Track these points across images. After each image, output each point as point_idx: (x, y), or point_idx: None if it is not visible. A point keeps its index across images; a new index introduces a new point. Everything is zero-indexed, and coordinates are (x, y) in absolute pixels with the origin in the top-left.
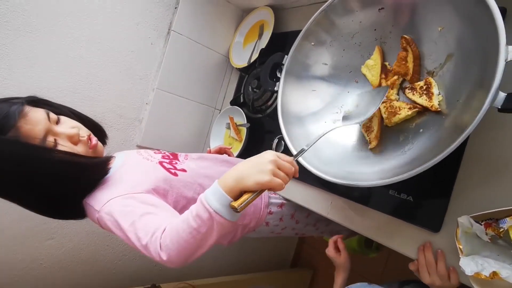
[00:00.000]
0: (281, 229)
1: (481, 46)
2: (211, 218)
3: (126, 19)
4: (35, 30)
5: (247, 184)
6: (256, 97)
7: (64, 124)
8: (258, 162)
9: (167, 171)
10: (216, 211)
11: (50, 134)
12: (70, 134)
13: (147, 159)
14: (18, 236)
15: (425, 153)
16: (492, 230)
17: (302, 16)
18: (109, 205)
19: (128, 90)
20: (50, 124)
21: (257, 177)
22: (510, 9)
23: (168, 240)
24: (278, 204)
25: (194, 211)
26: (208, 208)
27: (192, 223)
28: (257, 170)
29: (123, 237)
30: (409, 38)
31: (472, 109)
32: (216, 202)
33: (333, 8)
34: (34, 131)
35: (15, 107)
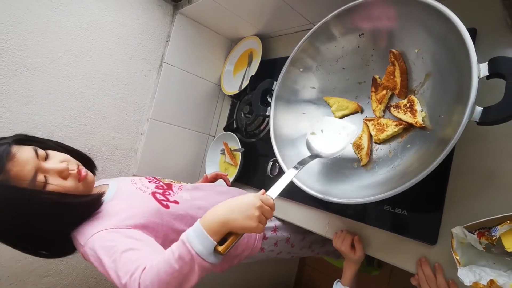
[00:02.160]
0: (276, 254)
1: (455, 65)
2: (193, 261)
3: (120, 53)
4: (31, 68)
5: (233, 229)
6: (248, 122)
7: (53, 159)
8: (245, 207)
9: (159, 202)
10: (199, 254)
11: (40, 172)
12: (60, 169)
13: (140, 189)
14: (15, 274)
15: (414, 167)
16: (485, 239)
17: (288, 43)
18: (93, 240)
19: (123, 122)
20: (39, 161)
21: (244, 223)
22: (480, 29)
23: (148, 281)
24: (271, 228)
25: (177, 252)
26: (190, 251)
27: (174, 264)
28: (244, 216)
29: (105, 274)
30: (397, 53)
31: (453, 124)
32: (200, 245)
33: (316, 35)
34: (23, 172)
35: (2, 148)
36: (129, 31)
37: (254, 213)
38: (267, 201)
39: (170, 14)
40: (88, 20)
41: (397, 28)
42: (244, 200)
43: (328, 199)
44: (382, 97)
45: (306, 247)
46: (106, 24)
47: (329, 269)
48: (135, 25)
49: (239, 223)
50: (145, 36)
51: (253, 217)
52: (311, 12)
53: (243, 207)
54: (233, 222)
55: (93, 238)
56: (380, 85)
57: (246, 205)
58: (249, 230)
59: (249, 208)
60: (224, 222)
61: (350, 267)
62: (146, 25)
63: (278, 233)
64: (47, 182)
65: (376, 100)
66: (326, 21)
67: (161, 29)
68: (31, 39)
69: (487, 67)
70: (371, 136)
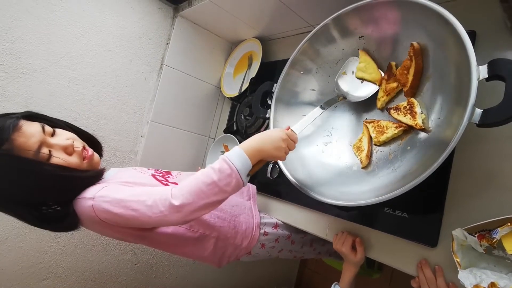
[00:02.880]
0: (277, 252)
1: (455, 67)
2: (232, 175)
3: (120, 56)
4: (31, 71)
5: (264, 156)
6: (248, 124)
7: (59, 136)
8: (275, 139)
9: (160, 182)
10: (238, 171)
11: (45, 145)
12: (65, 145)
13: (140, 172)
14: (13, 277)
15: (414, 169)
16: (486, 241)
17: (288, 46)
18: (104, 190)
19: (123, 124)
20: (44, 136)
21: (274, 153)
22: (480, 31)
23: (185, 190)
24: (272, 224)
25: (217, 166)
26: (231, 166)
27: (213, 175)
28: (274, 147)
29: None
30: (417, 47)
31: (453, 126)
32: (240, 163)
33: (316, 38)
34: (28, 144)
35: (10, 121)
36: (129, 34)
37: (282, 145)
38: (292, 136)
39: (170, 16)
40: (88, 23)
41: (397, 31)
42: (274, 133)
43: (328, 201)
44: (391, 90)
45: (308, 244)
46: (107, 27)
47: (330, 272)
48: (135, 27)
49: (270, 153)
50: (145, 39)
51: (281, 148)
52: (311, 15)
53: (274, 139)
54: (265, 151)
55: (104, 189)
56: (394, 75)
57: (276, 137)
58: (276, 158)
59: (278, 140)
60: (259, 150)
61: (349, 270)
62: (147, 27)
63: (279, 230)
64: (51, 155)
65: (385, 90)
66: (326, 24)
67: (161, 32)
68: (32, 41)
69: (486, 69)
70: (371, 138)
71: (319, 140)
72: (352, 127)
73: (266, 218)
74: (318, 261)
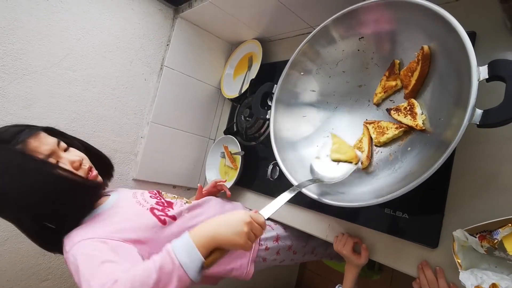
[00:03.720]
0: (279, 262)
1: (455, 68)
2: (173, 272)
3: (120, 57)
4: (32, 72)
5: (221, 244)
6: (249, 125)
7: (71, 152)
8: (234, 222)
9: (157, 218)
10: (182, 266)
11: (54, 156)
12: (72, 160)
13: (139, 203)
14: (13, 278)
15: (414, 170)
16: (487, 242)
17: (288, 47)
18: (78, 247)
19: (123, 125)
20: (57, 148)
21: (232, 239)
22: (480, 32)
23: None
24: (273, 237)
25: (158, 262)
26: (174, 260)
27: (153, 274)
28: (232, 232)
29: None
30: (426, 51)
31: (454, 126)
32: (186, 257)
33: (316, 39)
34: (40, 149)
35: (32, 129)
36: (129, 35)
37: (243, 229)
38: (257, 219)
39: (170, 18)
40: (88, 24)
41: (397, 32)
42: (234, 216)
43: (328, 202)
44: (389, 88)
45: (309, 252)
46: (107, 28)
47: (330, 274)
48: (135, 28)
49: (227, 238)
50: (145, 40)
51: (241, 233)
52: (311, 16)
53: (232, 222)
54: (221, 236)
55: (79, 244)
56: (395, 73)
57: (236, 221)
58: (236, 246)
59: (238, 224)
60: (212, 236)
61: (351, 271)
62: (147, 28)
63: (280, 242)
64: (59, 163)
65: (383, 86)
66: (326, 25)
67: (161, 33)
68: (32, 42)
69: (487, 70)
70: (371, 139)
71: (319, 141)
72: (352, 128)
73: (268, 231)
74: (319, 263)
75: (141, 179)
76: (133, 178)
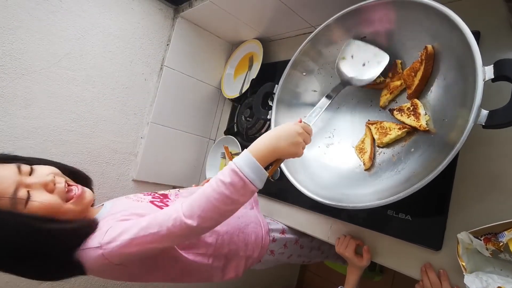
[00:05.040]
0: (287, 257)
1: (459, 68)
2: (246, 187)
3: (120, 57)
4: (31, 72)
5: (281, 154)
6: (249, 125)
7: (38, 172)
8: (290, 134)
9: (159, 208)
10: (251, 181)
11: (22, 186)
12: (45, 182)
13: (137, 201)
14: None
15: (418, 171)
16: (492, 245)
17: (289, 47)
18: (108, 234)
19: (123, 125)
20: (21, 176)
21: (291, 149)
22: (484, 32)
23: (198, 209)
24: (279, 230)
25: (228, 179)
26: (243, 178)
27: (225, 191)
28: (290, 143)
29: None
30: (430, 51)
31: (458, 127)
32: (252, 172)
33: (318, 38)
34: (2, 188)
35: None
36: (129, 35)
37: (299, 139)
38: (306, 128)
39: (170, 17)
40: (88, 24)
41: (400, 31)
42: (288, 128)
43: (330, 203)
44: (394, 88)
45: (316, 248)
46: (107, 28)
47: (331, 275)
48: (135, 28)
49: (287, 150)
50: (145, 40)
51: (298, 144)
52: (312, 15)
53: (289, 135)
54: (281, 149)
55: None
56: (399, 73)
57: (291, 132)
58: (294, 155)
59: (294, 135)
60: (274, 150)
61: (353, 273)
62: (147, 28)
63: (287, 235)
64: (30, 198)
65: (388, 88)
66: (328, 24)
67: (161, 33)
68: (31, 42)
69: (492, 70)
70: (374, 139)
71: (321, 142)
72: (354, 128)
73: (272, 224)
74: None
75: (141, 180)
76: (133, 179)
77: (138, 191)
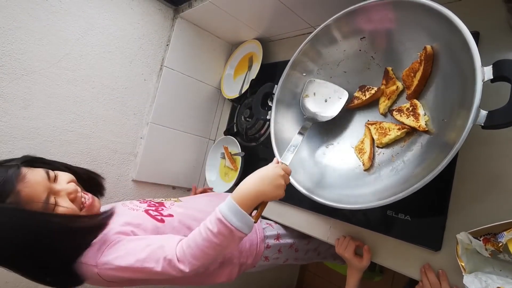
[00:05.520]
0: (282, 262)
1: (459, 68)
2: (233, 235)
3: (120, 57)
4: (30, 72)
5: (265, 198)
6: (249, 126)
7: (61, 179)
8: (273, 177)
9: (153, 218)
10: (238, 229)
11: (51, 194)
12: (69, 191)
13: (132, 209)
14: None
15: (417, 172)
16: (491, 245)
17: (289, 47)
18: (103, 255)
19: (123, 126)
20: (50, 183)
21: (275, 193)
22: (483, 32)
23: (190, 257)
24: (274, 236)
25: (215, 229)
26: (229, 227)
27: (215, 240)
28: (273, 187)
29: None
30: (429, 52)
31: (458, 128)
32: (238, 221)
33: (317, 39)
34: (36, 194)
35: (11, 170)
36: (129, 35)
37: (281, 182)
38: (286, 169)
39: (170, 18)
40: (88, 24)
41: (399, 31)
42: (269, 172)
43: (329, 204)
44: (391, 93)
45: (312, 250)
46: (106, 28)
47: (331, 275)
48: (135, 29)
49: (271, 194)
50: (145, 40)
51: (281, 186)
52: (312, 16)
53: (271, 178)
54: (266, 193)
55: (103, 254)
56: (392, 78)
57: (273, 176)
58: (277, 197)
59: (276, 178)
60: (258, 195)
61: (353, 275)
62: (146, 29)
63: (282, 240)
64: (57, 205)
65: (385, 94)
66: (327, 24)
67: (161, 33)
68: (31, 43)
69: (491, 70)
70: (373, 140)
71: (320, 142)
72: (353, 129)
73: (268, 230)
74: (319, 264)
75: (141, 180)
76: (133, 179)
77: (138, 191)
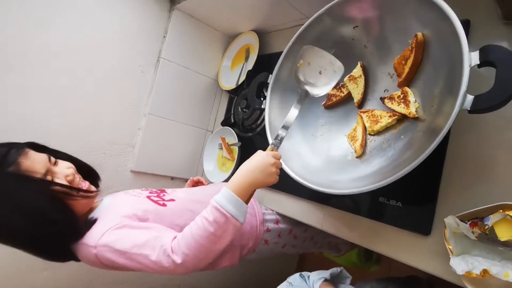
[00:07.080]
0: (281, 247)
1: (447, 55)
2: (228, 222)
3: (116, 49)
4: (27, 65)
5: (258, 186)
6: (245, 116)
7: (60, 165)
8: (264, 166)
9: (156, 203)
10: (234, 216)
11: (49, 172)
12: (66, 174)
13: (134, 195)
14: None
15: (407, 157)
16: (478, 228)
17: (285, 38)
18: (105, 237)
19: (120, 117)
20: (49, 165)
21: (268, 180)
22: (474, 21)
23: (184, 247)
24: (274, 220)
25: (211, 217)
26: (225, 213)
27: (209, 228)
28: (266, 174)
29: (129, 264)
30: (420, 39)
31: (445, 113)
32: (233, 208)
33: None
34: (34, 167)
35: (17, 146)
36: (126, 27)
37: (272, 170)
38: (276, 156)
39: (167, 9)
40: (84, 16)
41: (389, 19)
42: (260, 160)
43: (323, 190)
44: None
45: (309, 238)
46: (102, 20)
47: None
48: (132, 21)
49: (264, 182)
50: (142, 32)
51: (273, 174)
52: (307, 6)
53: (263, 166)
54: (258, 182)
55: (104, 236)
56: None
57: (264, 164)
58: (271, 184)
59: (266, 167)
60: (251, 183)
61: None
62: (143, 20)
63: (281, 225)
64: (54, 181)
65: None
66: (319, 15)
67: (158, 25)
68: (27, 35)
69: (478, 55)
70: (365, 127)
71: (313, 131)
72: (346, 117)
73: (267, 214)
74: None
75: (139, 171)
76: (131, 170)
77: (136, 182)
